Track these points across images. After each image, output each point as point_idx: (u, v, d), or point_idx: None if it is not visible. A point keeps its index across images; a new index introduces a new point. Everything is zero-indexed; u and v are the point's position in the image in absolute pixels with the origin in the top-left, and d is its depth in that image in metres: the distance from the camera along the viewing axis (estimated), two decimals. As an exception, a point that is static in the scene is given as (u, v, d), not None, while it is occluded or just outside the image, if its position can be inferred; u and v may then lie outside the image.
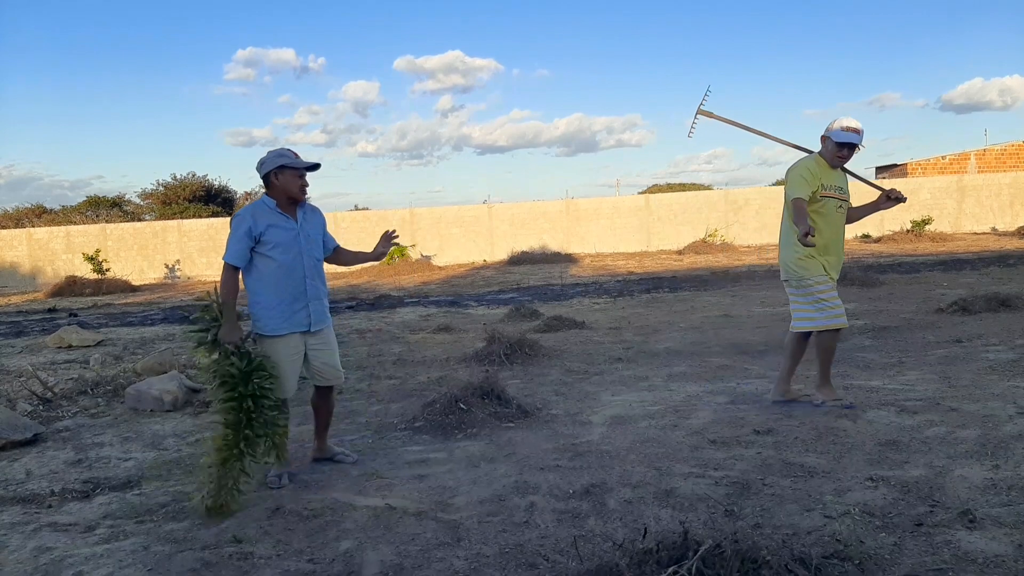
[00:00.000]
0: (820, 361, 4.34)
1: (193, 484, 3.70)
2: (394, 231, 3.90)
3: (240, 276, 3.59)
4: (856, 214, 4.45)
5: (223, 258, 3.54)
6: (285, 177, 3.56)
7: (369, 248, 4.01)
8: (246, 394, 3.35)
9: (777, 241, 4.52)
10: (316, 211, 3.81)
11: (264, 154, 3.63)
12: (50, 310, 14.60)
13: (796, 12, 69.79)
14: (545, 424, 4.38)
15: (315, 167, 3.66)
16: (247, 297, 3.64)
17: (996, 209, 23.84)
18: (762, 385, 5.00)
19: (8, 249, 22.84)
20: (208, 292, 3.59)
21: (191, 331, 3.53)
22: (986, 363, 5.20)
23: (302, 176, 3.61)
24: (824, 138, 4.26)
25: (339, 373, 3.84)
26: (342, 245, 3.99)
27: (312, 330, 3.66)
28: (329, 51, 76.25)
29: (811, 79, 74.06)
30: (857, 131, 4.17)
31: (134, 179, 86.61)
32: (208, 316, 3.50)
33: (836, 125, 4.18)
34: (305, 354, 3.68)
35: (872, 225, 23.33)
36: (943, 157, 28.57)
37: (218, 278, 3.60)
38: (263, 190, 3.69)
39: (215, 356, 3.45)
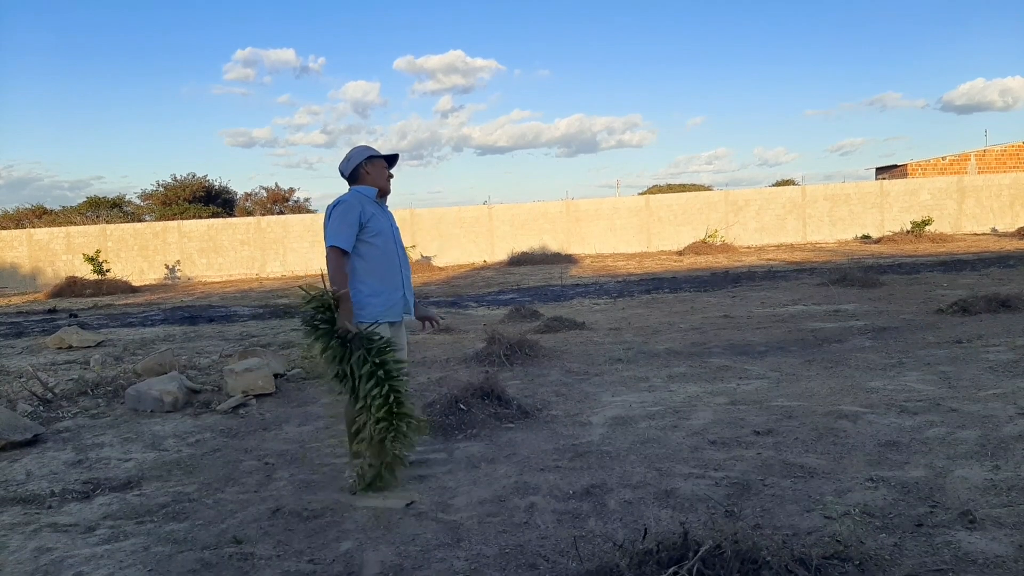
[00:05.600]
0: None
1: (194, 485, 3.71)
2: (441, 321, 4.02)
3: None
4: None
5: (332, 243, 3.39)
6: (376, 168, 3.61)
7: None
8: (387, 381, 3.31)
9: (777, 241, 4.59)
10: (389, 211, 3.79)
11: (348, 151, 3.66)
12: (50, 311, 14.61)
13: (797, 12, 69.85)
14: (545, 425, 4.38)
15: (396, 158, 3.70)
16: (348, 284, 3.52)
17: (996, 210, 23.85)
18: (762, 385, 5.00)
19: (8, 250, 22.87)
20: (306, 285, 3.49)
21: (306, 325, 3.38)
22: (986, 364, 5.20)
23: (388, 167, 3.67)
24: None
25: (407, 365, 3.79)
26: None
27: (404, 319, 3.69)
28: (329, 51, 76.31)
29: (811, 79, 74.14)
30: None
31: (134, 179, 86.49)
32: (316, 306, 3.36)
33: None
34: None
35: (872, 226, 23.38)
36: (943, 158, 28.58)
37: (218, 279, 3.61)
38: (262, 189, 3.71)
39: (333, 346, 3.33)
